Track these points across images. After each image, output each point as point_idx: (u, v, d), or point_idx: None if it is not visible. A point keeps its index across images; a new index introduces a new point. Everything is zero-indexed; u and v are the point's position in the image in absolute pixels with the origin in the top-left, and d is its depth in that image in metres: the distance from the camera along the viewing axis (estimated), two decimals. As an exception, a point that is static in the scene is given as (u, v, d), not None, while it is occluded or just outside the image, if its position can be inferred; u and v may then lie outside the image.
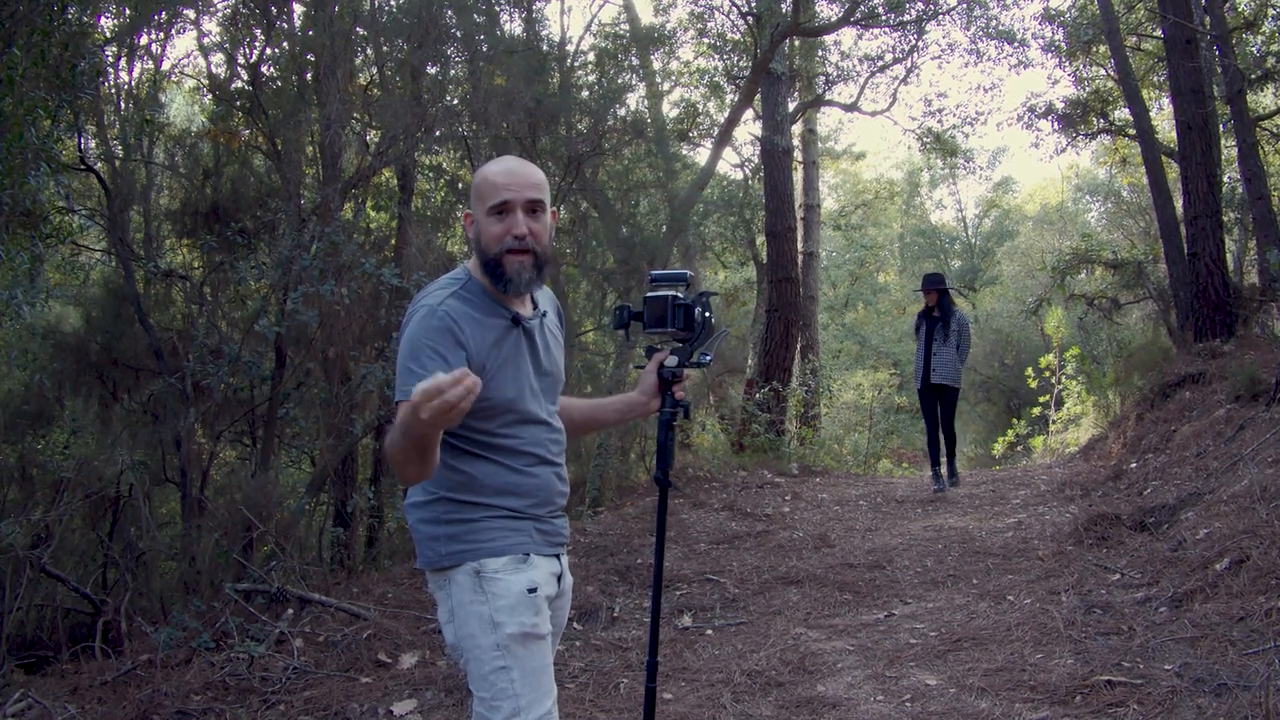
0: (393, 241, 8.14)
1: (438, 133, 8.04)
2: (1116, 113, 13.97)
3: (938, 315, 8.25)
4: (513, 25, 9.58)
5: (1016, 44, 13.71)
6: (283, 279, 6.31)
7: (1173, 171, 11.41)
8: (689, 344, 2.37)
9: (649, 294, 2.37)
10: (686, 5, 13.67)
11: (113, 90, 7.37)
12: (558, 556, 2.19)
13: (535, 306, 2.24)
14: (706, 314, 2.36)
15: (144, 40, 7.76)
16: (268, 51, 7.89)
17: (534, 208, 2.11)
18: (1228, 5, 11.27)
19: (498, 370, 2.07)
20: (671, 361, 2.35)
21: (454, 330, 2.02)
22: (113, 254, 7.34)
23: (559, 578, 2.19)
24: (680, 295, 2.34)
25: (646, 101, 12.79)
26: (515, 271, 2.09)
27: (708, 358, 2.40)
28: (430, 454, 1.91)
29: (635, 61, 11.61)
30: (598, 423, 2.49)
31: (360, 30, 7.84)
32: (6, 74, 4.40)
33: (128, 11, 7.18)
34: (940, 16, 12.83)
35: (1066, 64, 14.14)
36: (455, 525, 2.07)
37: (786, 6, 10.49)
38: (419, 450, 1.87)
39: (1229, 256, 10.39)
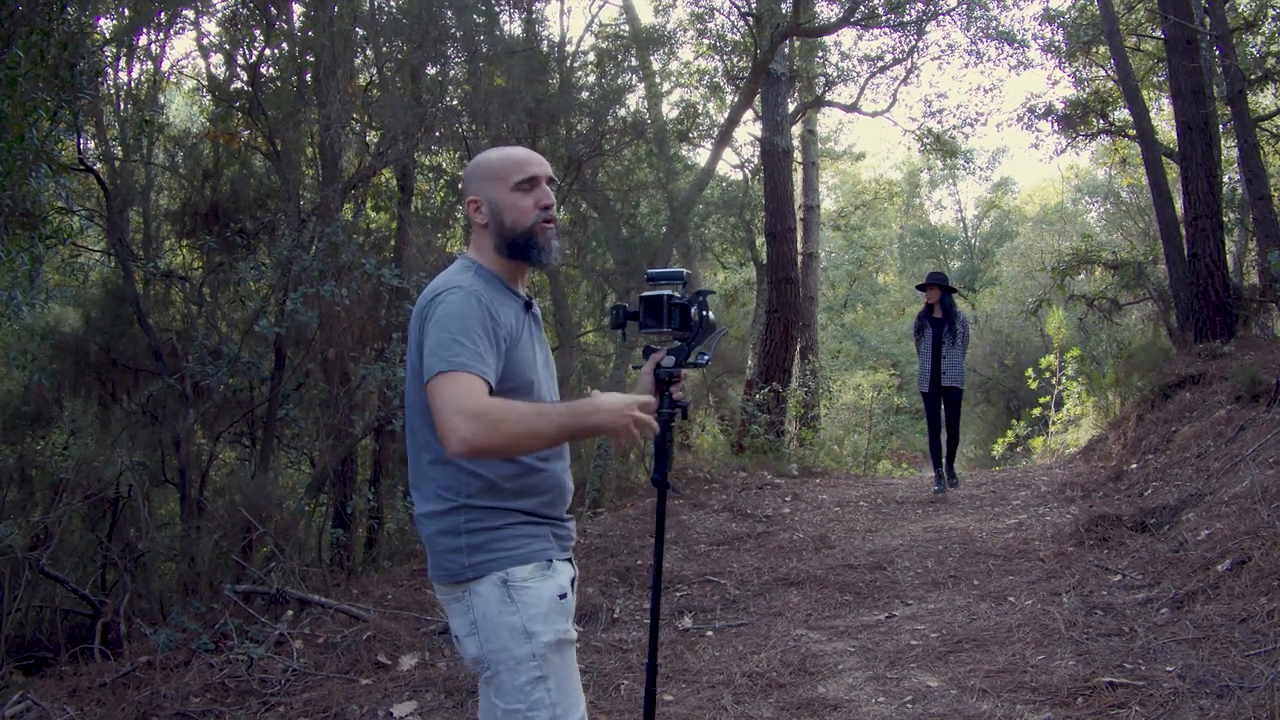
0: (392, 242, 8.13)
1: (438, 133, 8.03)
2: (1116, 113, 13.97)
3: (940, 316, 8.16)
4: (512, 25, 9.58)
5: (1016, 45, 13.73)
6: (282, 279, 6.30)
7: (1173, 172, 11.41)
8: (686, 344, 2.35)
9: (645, 293, 2.35)
10: (686, 6, 13.72)
11: (112, 90, 7.36)
12: (570, 560, 2.18)
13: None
14: (704, 313, 2.34)
15: (143, 41, 7.76)
16: (267, 52, 7.88)
17: (550, 182, 2.18)
18: (1228, 6, 11.26)
19: (519, 350, 2.07)
20: (668, 362, 2.33)
21: (492, 310, 2.01)
22: (112, 254, 7.33)
23: (573, 581, 2.17)
24: (676, 294, 2.32)
25: (646, 102, 12.78)
26: (549, 240, 2.12)
27: (705, 358, 2.37)
28: (558, 442, 2.04)
29: (635, 62, 11.60)
30: None
31: (360, 30, 7.83)
32: (7, 74, 4.38)
33: (127, 12, 7.17)
34: (940, 17, 12.85)
35: (1066, 65, 14.14)
36: (477, 535, 2.02)
37: (786, 7, 10.48)
38: (565, 436, 2.00)
39: (1229, 257, 10.38)
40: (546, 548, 2.07)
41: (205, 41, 8.28)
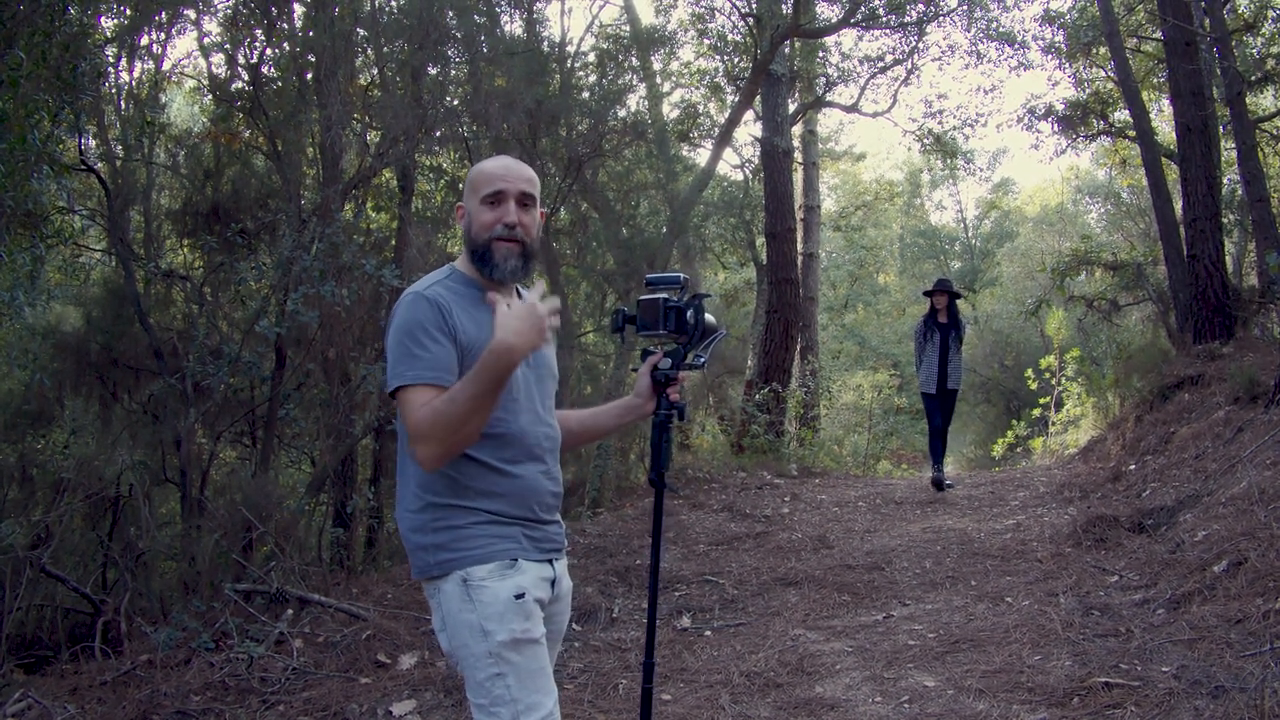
0: (393, 242, 8.14)
1: (438, 134, 8.03)
2: (1116, 114, 13.98)
3: (946, 321, 8.29)
4: (513, 26, 9.59)
5: (1017, 46, 13.77)
6: (283, 279, 6.31)
7: (1172, 173, 11.42)
8: (683, 346, 2.38)
9: (642, 297, 2.39)
10: (687, 6, 13.70)
11: (113, 90, 7.37)
12: (551, 562, 2.19)
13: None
14: (700, 316, 2.37)
15: (144, 40, 7.76)
16: (268, 52, 7.88)
17: (525, 201, 2.19)
18: (1228, 7, 11.28)
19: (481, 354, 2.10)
20: (665, 364, 2.37)
21: (444, 312, 2.07)
22: (113, 254, 7.34)
23: (554, 583, 2.19)
24: (672, 298, 2.36)
25: (647, 102, 12.79)
26: (503, 258, 2.16)
27: (702, 360, 2.41)
28: (494, 400, 2.00)
29: (635, 62, 11.59)
30: (598, 430, 2.50)
31: (361, 31, 7.83)
32: (9, 75, 4.40)
33: (128, 12, 7.17)
34: (941, 18, 12.87)
35: (1067, 66, 14.17)
36: (441, 533, 2.09)
37: (787, 8, 10.50)
38: (493, 393, 1.96)
39: (1228, 258, 10.39)
40: (511, 548, 2.10)
41: (206, 41, 8.28)
